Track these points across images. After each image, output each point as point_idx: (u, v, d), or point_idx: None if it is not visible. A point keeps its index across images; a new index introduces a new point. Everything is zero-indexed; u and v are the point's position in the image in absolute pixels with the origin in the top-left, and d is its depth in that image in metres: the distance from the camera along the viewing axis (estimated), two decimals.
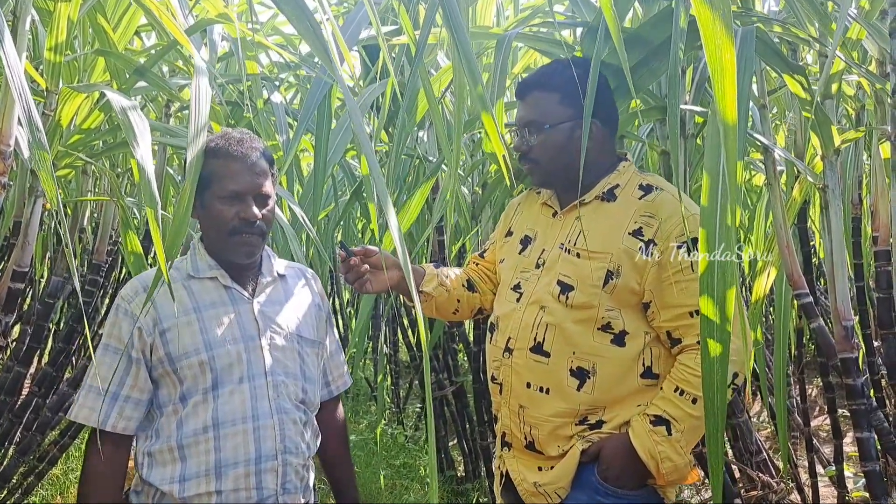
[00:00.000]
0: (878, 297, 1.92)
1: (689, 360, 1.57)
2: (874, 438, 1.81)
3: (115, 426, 1.51)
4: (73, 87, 1.89)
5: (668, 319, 1.59)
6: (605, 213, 1.67)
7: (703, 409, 1.26)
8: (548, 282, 1.67)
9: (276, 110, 2.90)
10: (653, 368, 1.62)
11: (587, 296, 1.61)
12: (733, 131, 1.04)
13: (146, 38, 3.16)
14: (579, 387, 1.62)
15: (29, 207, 2.01)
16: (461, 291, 1.91)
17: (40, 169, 1.22)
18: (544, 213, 1.79)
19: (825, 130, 1.77)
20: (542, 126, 1.68)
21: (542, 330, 1.65)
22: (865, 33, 1.78)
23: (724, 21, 0.99)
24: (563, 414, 1.64)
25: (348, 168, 3.77)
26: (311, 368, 1.66)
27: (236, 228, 1.55)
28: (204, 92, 1.53)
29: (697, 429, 1.55)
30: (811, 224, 3.26)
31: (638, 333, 1.62)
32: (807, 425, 3.20)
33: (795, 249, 2.08)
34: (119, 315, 1.55)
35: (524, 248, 1.78)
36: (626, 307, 1.61)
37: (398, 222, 2.40)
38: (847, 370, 1.81)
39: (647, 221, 1.61)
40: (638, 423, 1.59)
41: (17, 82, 1.21)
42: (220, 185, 1.54)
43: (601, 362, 1.61)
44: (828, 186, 1.81)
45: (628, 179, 1.69)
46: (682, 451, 1.56)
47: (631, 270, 1.59)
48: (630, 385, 1.62)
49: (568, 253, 1.66)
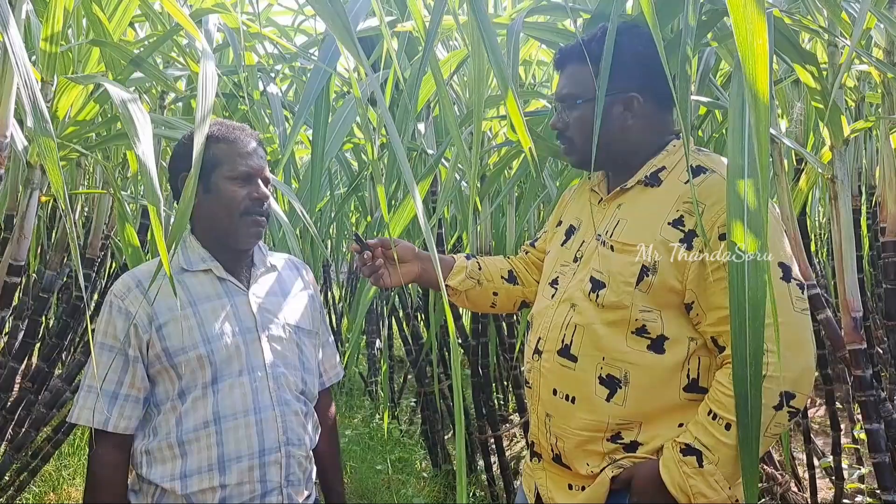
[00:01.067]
0: (887, 288, 1.92)
1: (724, 377, 1.35)
2: (883, 429, 1.80)
3: (116, 426, 1.49)
4: (71, 77, 1.85)
5: (712, 323, 1.38)
6: (646, 200, 1.48)
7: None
8: (581, 278, 1.51)
9: (273, 102, 2.86)
10: (699, 381, 1.41)
11: (618, 294, 1.43)
12: (766, 116, 1.00)
13: (139, 29, 3.11)
14: (609, 397, 1.43)
15: (25, 200, 1.96)
16: (499, 284, 1.79)
17: (48, 158, 1.18)
18: (592, 200, 1.61)
19: (835, 121, 1.76)
20: (575, 100, 1.52)
21: (571, 331, 1.48)
22: (875, 21, 1.77)
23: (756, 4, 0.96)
24: (591, 427, 1.46)
25: (345, 161, 3.74)
26: (309, 359, 1.66)
27: (248, 209, 1.55)
28: (211, 77, 1.51)
29: (734, 459, 1.31)
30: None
31: (680, 339, 1.41)
32: (804, 417, 3.21)
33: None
34: (113, 313, 1.51)
35: (567, 239, 1.63)
36: (666, 308, 1.41)
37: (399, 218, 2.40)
38: (856, 361, 1.81)
39: (690, 209, 1.39)
40: (668, 452, 1.39)
41: (23, 71, 1.18)
42: (231, 165, 1.54)
43: (635, 371, 1.42)
44: (836, 177, 1.80)
45: (678, 160, 1.48)
46: (717, 486, 1.34)
47: (670, 266, 1.39)
48: (670, 399, 1.42)
49: (603, 245, 1.50)
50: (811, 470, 3.00)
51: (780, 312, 1.23)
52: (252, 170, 1.55)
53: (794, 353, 1.30)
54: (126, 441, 1.52)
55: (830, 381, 2.98)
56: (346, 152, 3.86)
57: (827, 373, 3.05)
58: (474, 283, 1.78)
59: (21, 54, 1.22)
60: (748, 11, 0.93)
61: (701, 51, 2.12)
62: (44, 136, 1.18)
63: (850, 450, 3.50)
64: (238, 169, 1.54)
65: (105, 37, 2.14)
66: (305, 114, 2.35)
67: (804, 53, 1.70)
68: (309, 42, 3.62)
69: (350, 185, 3.43)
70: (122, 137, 2.39)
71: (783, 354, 1.28)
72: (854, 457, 3.49)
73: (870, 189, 3.05)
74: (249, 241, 1.58)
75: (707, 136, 2.42)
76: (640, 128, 1.51)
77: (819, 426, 4.45)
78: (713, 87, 2.17)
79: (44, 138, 1.19)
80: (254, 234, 1.57)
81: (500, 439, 3.38)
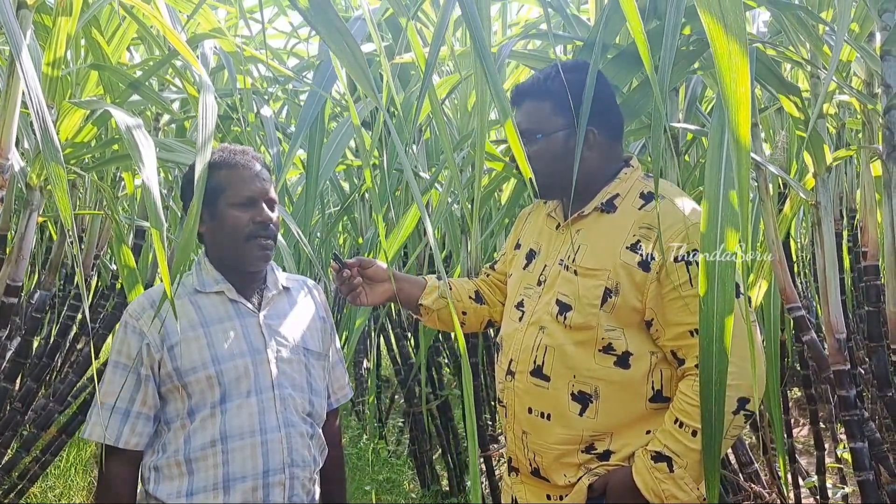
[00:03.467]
0: (868, 310, 1.97)
1: (687, 388, 1.47)
2: (867, 448, 1.85)
3: (127, 443, 1.52)
4: (74, 102, 1.88)
5: (671, 338, 1.51)
6: (603, 225, 1.58)
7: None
8: (547, 301, 1.60)
9: (267, 124, 2.90)
10: (663, 392, 1.53)
11: (585, 316, 1.53)
12: (746, 158, 1.07)
13: (135, 53, 3.14)
14: (581, 412, 1.54)
15: (23, 221, 1.98)
16: (468, 304, 1.87)
17: (56, 186, 1.21)
18: (548, 226, 1.71)
19: (818, 149, 1.82)
20: (534, 135, 1.61)
21: (542, 352, 1.57)
22: (855, 55, 1.84)
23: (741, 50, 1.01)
24: (567, 441, 1.56)
25: (336, 181, 3.77)
26: (317, 381, 1.68)
27: (253, 233, 1.58)
28: (210, 108, 1.55)
29: (701, 462, 1.43)
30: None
31: (643, 354, 1.52)
32: (789, 437, 3.26)
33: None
34: (127, 332, 1.55)
35: (528, 263, 1.71)
36: (628, 326, 1.52)
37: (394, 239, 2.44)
38: (840, 382, 1.86)
39: (646, 234, 1.51)
40: (640, 460, 1.50)
41: (35, 97, 1.21)
42: (234, 191, 1.57)
43: (604, 386, 1.52)
44: (820, 203, 1.86)
45: (630, 187, 1.60)
46: (687, 489, 1.46)
47: (631, 287, 1.50)
48: (637, 410, 1.53)
49: (566, 270, 1.59)
50: (796, 489, 3.04)
51: (735, 325, 1.33)
52: (255, 194, 1.58)
53: (749, 362, 1.40)
54: (136, 457, 1.55)
55: (814, 401, 3.03)
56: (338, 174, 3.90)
57: (811, 393, 3.10)
58: (446, 302, 1.83)
59: (33, 81, 1.25)
60: (733, 59, 0.99)
61: (688, 78, 2.19)
62: (54, 162, 1.21)
63: (833, 469, 3.55)
64: (241, 194, 1.57)
65: (104, 60, 2.18)
66: (302, 137, 2.39)
67: (787, 84, 1.77)
68: (301, 65, 3.67)
69: (342, 206, 3.46)
70: (119, 159, 2.42)
71: (739, 364, 1.40)
72: (838, 476, 3.54)
73: (850, 212, 3.13)
74: (257, 264, 1.61)
75: (693, 162, 2.49)
76: (596, 158, 1.60)
77: (803, 446, 4.50)
78: (699, 115, 2.23)
79: (54, 165, 1.22)
80: (261, 258, 1.60)
81: (489, 459, 3.40)
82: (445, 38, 1.70)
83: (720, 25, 0.98)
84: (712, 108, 2.56)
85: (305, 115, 2.32)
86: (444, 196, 2.24)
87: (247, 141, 2.82)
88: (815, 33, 1.81)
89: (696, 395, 1.40)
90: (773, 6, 1.80)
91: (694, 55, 1.93)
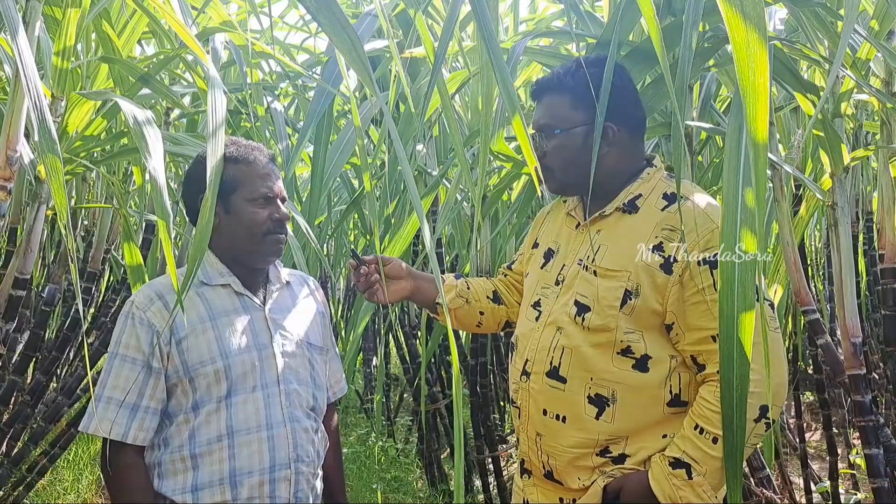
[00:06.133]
0: (886, 314, 1.94)
1: (708, 394, 1.44)
2: (882, 455, 1.81)
3: (135, 438, 1.49)
4: (83, 93, 1.87)
5: (692, 343, 1.47)
6: (625, 226, 1.54)
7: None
8: (565, 301, 1.56)
9: (276, 118, 2.89)
10: (681, 396, 1.49)
11: (603, 318, 1.49)
12: (764, 153, 1.04)
13: (146, 46, 3.14)
14: (598, 415, 1.50)
15: (32, 214, 1.97)
16: (485, 304, 1.83)
17: (52, 178, 1.20)
18: (568, 225, 1.67)
19: (835, 149, 1.79)
20: (553, 130, 1.58)
21: (559, 353, 1.54)
22: (875, 53, 1.80)
23: (759, 39, 0.99)
24: (582, 444, 1.52)
25: (346, 177, 3.76)
26: (319, 375, 1.67)
27: (270, 229, 1.57)
28: (220, 104, 1.54)
29: (720, 470, 1.40)
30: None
31: (662, 358, 1.49)
32: (802, 441, 3.22)
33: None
34: (135, 324, 1.51)
35: (546, 262, 1.67)
36: (648, 329, 1.49)
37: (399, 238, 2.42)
38: (856, 387, 1.82)
39: (669, 235, 1.47)
40: (657, 466, 1.46)
41: (33, 89, 1.19)
42: (251, 188, 1.57)
43: (622, 389, 1.49)
44: (837, 204, 1.83)
45: (653, 188, 1.56)
46: (705, 496, 1.42)
47: (651, 290, 1.46)
48: (655, 414, 1.50)
49: (586, 270, 1.55)
50: (808, 495, 3.01)
51: (757, 332, 1.30)
52: (271, 191, 1.58)
53: (771, 369, 1.36)
54: (141, 451, 1.52)
55: (828, 405, 2.99)
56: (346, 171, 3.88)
57: (824, 397, 3.06)
58: (463, 301, 1.81)
59: (32, 71, 1.24)
60: (752, 49, 0.96)
61: (703, 76, 2.15)
62: (51, 155, 1.20)
63: (845, 475, 3.51)
64: (259, 191, 1.57)
65: (114, 53, 2.17)
66: (309, 133, 2.38)
67: (804, 82, 1.73)
68: (311, 60, 3.65)
69: (351, 200, 3.45)
70: (128, 153, 2.41)
71: (762, 372, 1.35)
72: (850, 482, 3.50)
73: (866, 214, 3.08)
74: (270, 259, 1.62)
75: (707, 162, 2.46)
76: (616, 155, 1.56)
77: (815, 451, 4.45)
78: (714, 113, 2.20)
79: (51, 158, 1.20)
80: (274, 253, 1.60)
81: (497, 459, 3.38)
82: (455, 33, 1.67)
83: (738, 14, 0.95)
84: (727, 106, 2.54)
85: (313, 109, 2.32)
86: (453, 193, 2.21)
87: (256, 135, 2.81)
88: (833, 30, 1.77)
89: (717, 402, 1.37)
90: (791, 3, 1.76)
91: (709, 52, 1.90)
